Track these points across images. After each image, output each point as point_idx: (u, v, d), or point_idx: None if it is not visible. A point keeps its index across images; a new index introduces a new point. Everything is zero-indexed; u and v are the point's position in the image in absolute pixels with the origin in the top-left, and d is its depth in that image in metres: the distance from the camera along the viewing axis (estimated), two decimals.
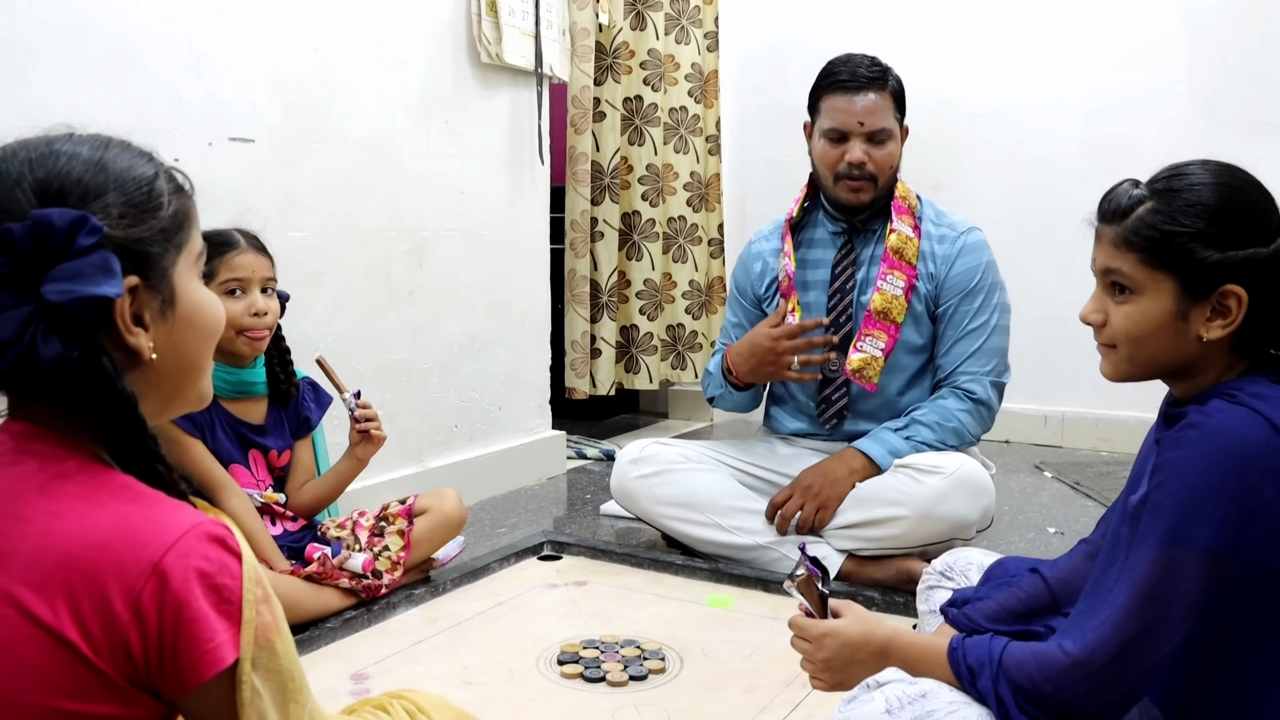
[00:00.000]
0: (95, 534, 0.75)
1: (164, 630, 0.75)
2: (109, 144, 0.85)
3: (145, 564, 0.74)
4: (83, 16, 1.96)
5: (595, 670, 1.77)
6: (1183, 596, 1.04)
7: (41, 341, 0.76)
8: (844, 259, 2.31)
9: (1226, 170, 1.13)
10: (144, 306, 0.82)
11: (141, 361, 0.83)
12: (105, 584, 0.74)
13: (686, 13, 3.76)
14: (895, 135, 2.25)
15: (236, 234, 1.93)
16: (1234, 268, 1.09)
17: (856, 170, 2.22)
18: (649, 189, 3.72)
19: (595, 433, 3.75)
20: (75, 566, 0.74)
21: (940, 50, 3.79)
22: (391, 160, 2.61)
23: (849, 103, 2.21)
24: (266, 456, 2.03)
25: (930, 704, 1.12)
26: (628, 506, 2.40)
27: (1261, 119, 3.33)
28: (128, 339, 0.81)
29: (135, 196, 0.82)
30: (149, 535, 0.76)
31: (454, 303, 2.82)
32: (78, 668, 0.74)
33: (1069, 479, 3.20)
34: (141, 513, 0.78)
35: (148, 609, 0.74)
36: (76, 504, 0.77)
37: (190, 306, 0.86)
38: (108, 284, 0.77)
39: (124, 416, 0.80)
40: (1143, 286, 1.13)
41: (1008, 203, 3.70)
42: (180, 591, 0.75)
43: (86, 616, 0.73)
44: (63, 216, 0.76)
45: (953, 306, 2.26)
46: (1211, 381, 1.14)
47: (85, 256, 0.76)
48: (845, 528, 2.18)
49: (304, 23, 2.36)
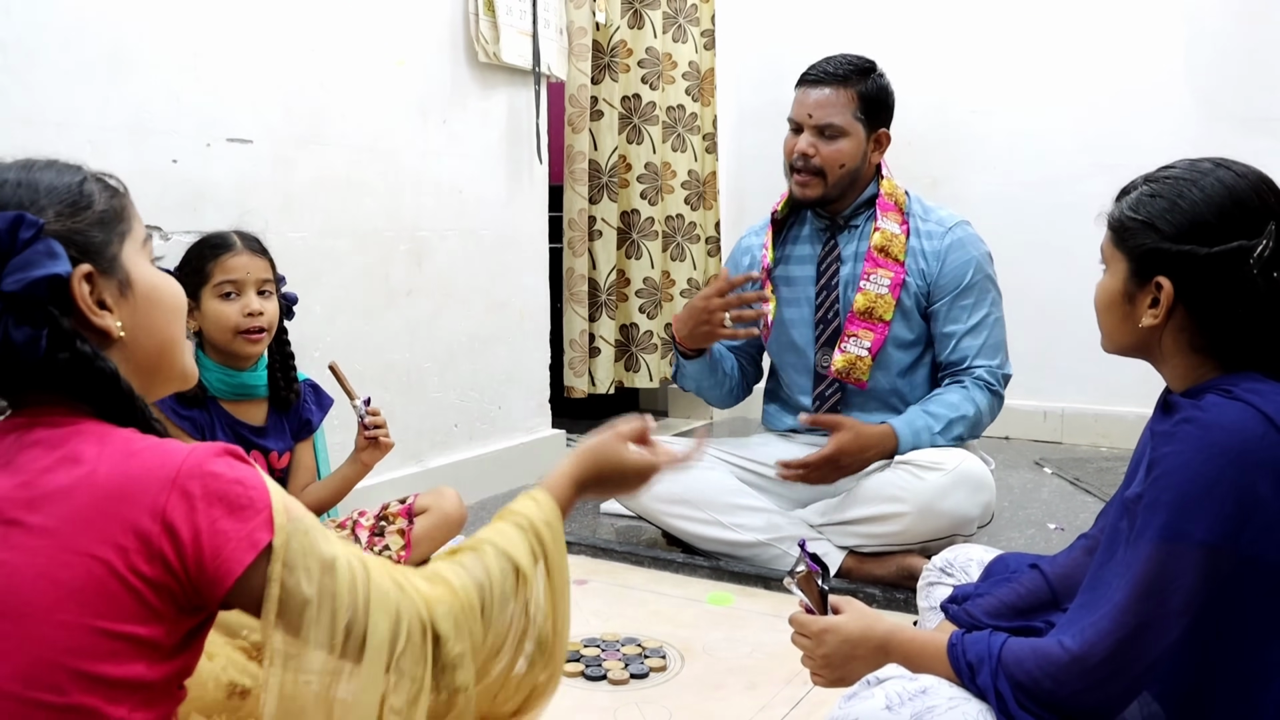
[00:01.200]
0: (116, 468, 0.83)
1: (198, 534, 0.82)
2: (33, 165, 0.92)
3: (164, 481, 0.82)
4: (81, 18, 1.96)
5: (596, 668, 1.77)
6: (1180, 591, 1.05)
7: (13, 330, 0.84)
8: (828, 255, 2.32)
9: (1213, 171, 1.13)
10: (103, 291, 0.90)
11: (113, 341, 0.90)
12: (132, 507, 0.81)
13: (684, 11, 3.76)
14: (850, 134, 2.23)
15: (234, 236, 1.93)
16: (1169, 260, 1.12)
17: (800, 162, 2.23)
18: (648, 187, 3.72)
19: (594, 432, 3.74)
20: (103, 496, 0.82)
21: (937, 47, 3.79)
22: (390, 160, 2.61)
23: (804, 95, 2.26)
24: (267, 458, 2.03)
25: (930, 700, 1.12)
26: (627, 504, 2.41)
27: (1259, 114, 3.34)
28: (93, 320, 0.89)
29: (66, 199, 0.90)
30: (162, 459, 0.84)
31: (453, 302, 2.82)
32: (114, 586, 0.80)
33: (1069, 475, 3.20)
34: (151, 445, 0.86)
35: (175, 519, 0.81)
36: (94, 450, 0.84)
37: (147, 285, 0.94)
38: (54, 264, 0.85)
39: (110, 389, 0.88)
40: (1109, 262, 1.20)
41: (1005, 199, 3.70)
42: (201, 497, 0.82)
43: (120, 539, 0.80)
44: (2, 218, 0.84)
45: (947, 303, 2.26)
46: (1186, 376, 1.16)
47: (30, 247, 0.84)
48: (846, 524, 2.19)
49: (302, 23, 2.36)
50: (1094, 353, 1.26)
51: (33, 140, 1.79)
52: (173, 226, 2.09)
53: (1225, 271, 1.09)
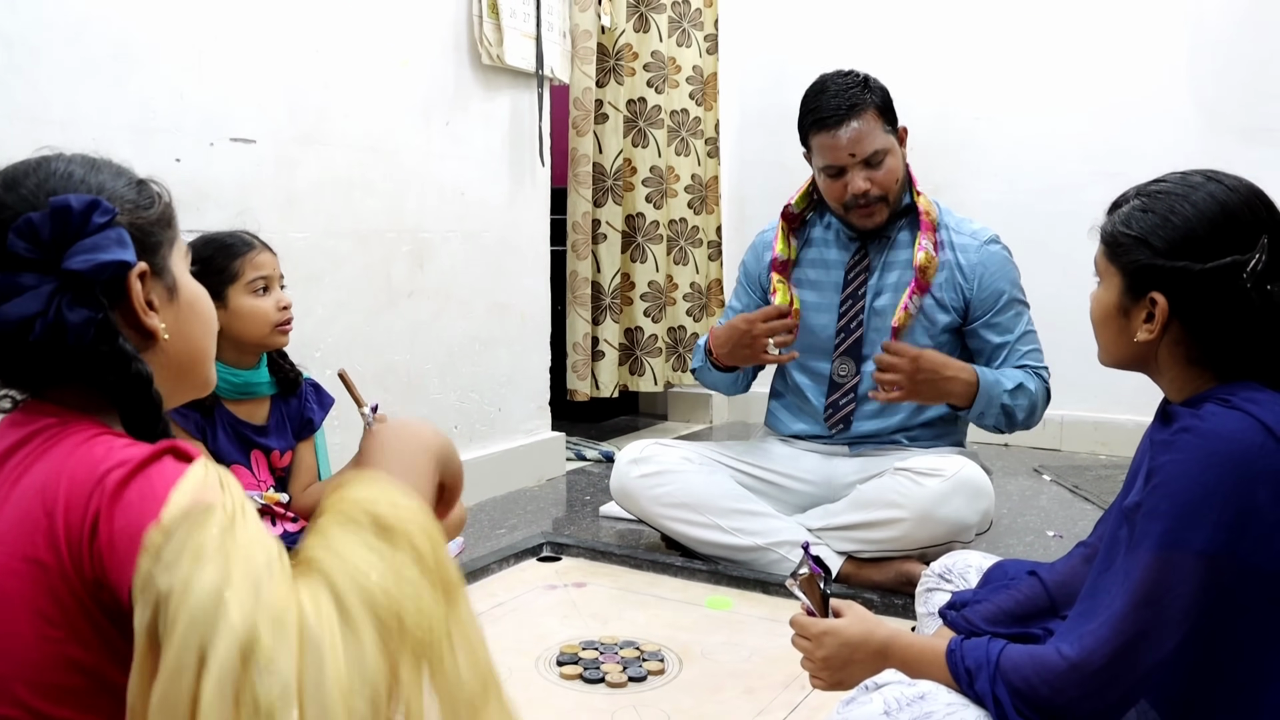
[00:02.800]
0: (66, 467, 0.80)
1: (111, 520, 0.74)
2: (94, 162, 0.92)
3: (95, 477, 0.78)
4: (85, 16, 1.96)
5: (594, 671, 1.77)
6: (1179, 600, 1.05)
7: (68, 310, 0.82)
8: (858, 264, 2.31)
9: (1204, 185, 1.13)
10: (152, 291, 0.90)
11: (154, 344, 0.90)
12: (66, 505, 0.77)
13: (688, 15, 3.77)
14: (892, 149, 2.21)
15: (249, 235, 1.95)
16: (1163, 276, 1.12)
17: (863, 199, 2.20)
18: (653, 191, 3.72)
19: (595, 434, 3.76)
20: (48, 495, 0.78)
21: (940, 54, 3.79)
22: (392, 161, 2.62)
23: (834, 139, 2.17)
24: (269, 457, 2.03)
25: (928, 705, 1.12)
26: (627, 507, 2.41)
27: (1262, 124, 3.34)
28: (144, 319, 0.88)
29: (130, 195, 0.91)
30: (106, 456, 0.79)
31: (454, 304, 2.83)
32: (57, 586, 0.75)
33: (1068, 482, 3.21)
34: (104, 446, 0.81)
35: (93, 508, 0.76)
36: (68, 451, 0.82)
37: (190, 294, 0.95)
38: (123, 252, 0.85)
39: (140, 393, 0.86)
40: (1102, 276, 1.21)
41: (1007, 207, 3.70)
42: (114, 483, 0.76)
43: (57, 537, 0.76)
44: (79, 199, 0.83)
45: (989, 318, 2.25)
46: (1184, 388, 1.16)
47: (102, 232, 0.84)
48: (844, 528, 2.19)
49: (306, 23, 2.36)
50: (1093, 360, 1.26)
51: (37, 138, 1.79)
52: None
53: (1219, 286, 1.10)
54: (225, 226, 1.95)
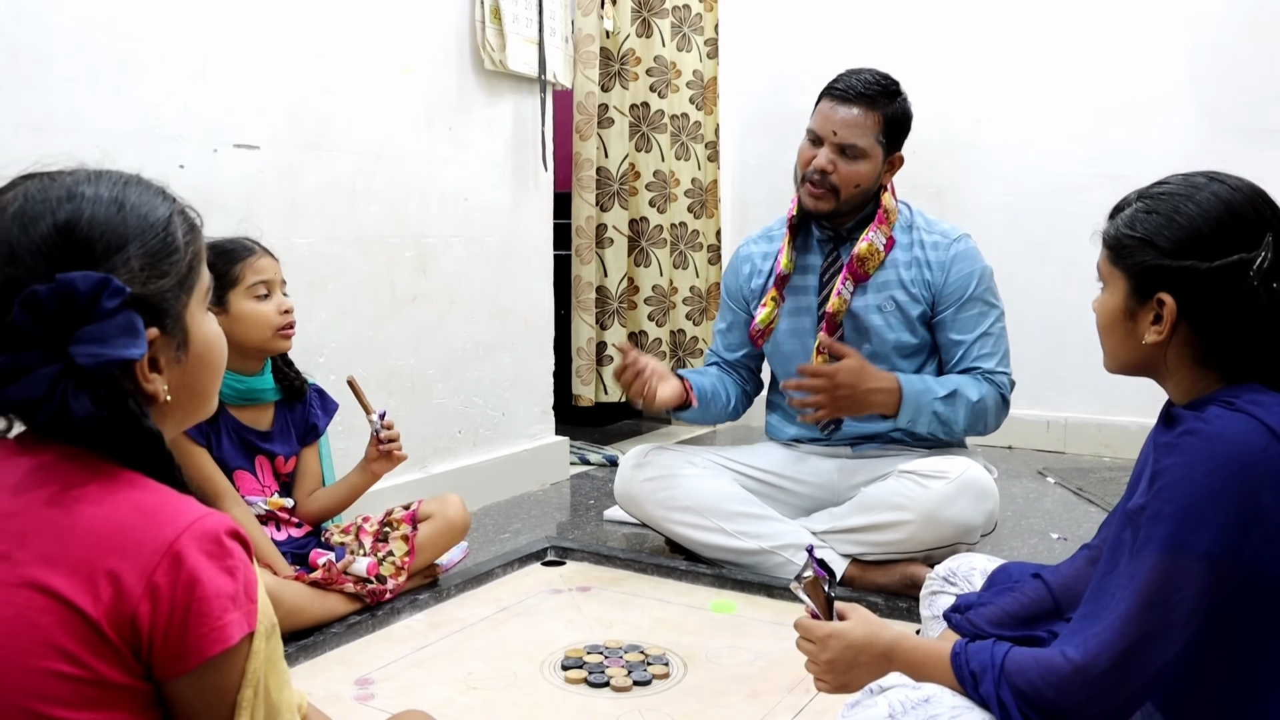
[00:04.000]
0: (112, 516, 0.79)
1: (175, 605, 0.77)
2: (127, 183, 0.87)
3: (161, 542, 0.78)
4: (90, 24, 1.97)
5: (599, 675, 1.77)
6: (1183, 603, 1.05)
7: (72, 398, 0.80)
8: (830, 267, 2.32)
9: (1208, 185, 1.14)
10: (160, 352, 0.86)
11: (156, 401, 0.86)
12: (119, 559, 0.77)
13: (688, 20, 3.78)
14: (870, 156, 2.22)
15: (250, 240, 1.96)
16: (1170, 276, 1.12)
17: (817, 175, 2.22)
18: (656, 195, 3.73)
19: (598, 439, 3.76)
20: (91, 543, 0.78)
21: (942, 58, 3.80)
22: (396, 167, 2.62)
23: (831, 110, 2.22)
24: (273, 463, 2.04)
25: (933, 709, 1.12)
26: (632, 511, 2.41)
27: (1264, 126, 3.34)
28: (145, 386, 0.85)
29: (153, 245, 0.85)
30: (164, 518, 0.80)
31: (458, 309, 2.83)
32: (88, 634, 0.76)
33: (1072, 485, 3.20)
34: (156, 499, 0.82)
35: (161, 585, 0.77)
36: (95, 492, 0.81)
37: (202, 345, 0.91)
38: (133, 346, 0.81)
39: (151, 450, 0.84)
40: (1107, 281, 1.20)
41: (1009, 210, 3.71)
42: (194, 569, 0.78)
43: (99, 588, 0.77)
44: (87, 280, 0.79)
45: (952, 313, 2.26)
46: (1190, 390, 1.16)
47: (111, 319, 0.80)
48: (849, 531, 2.19)
49: (309, 31, 2.37)
50: (1097, 362, 1.26)
51: (42, 146, 1.80)
52: None
53: (1226, 285, 1.10)
54: (229, 233, 1.95)
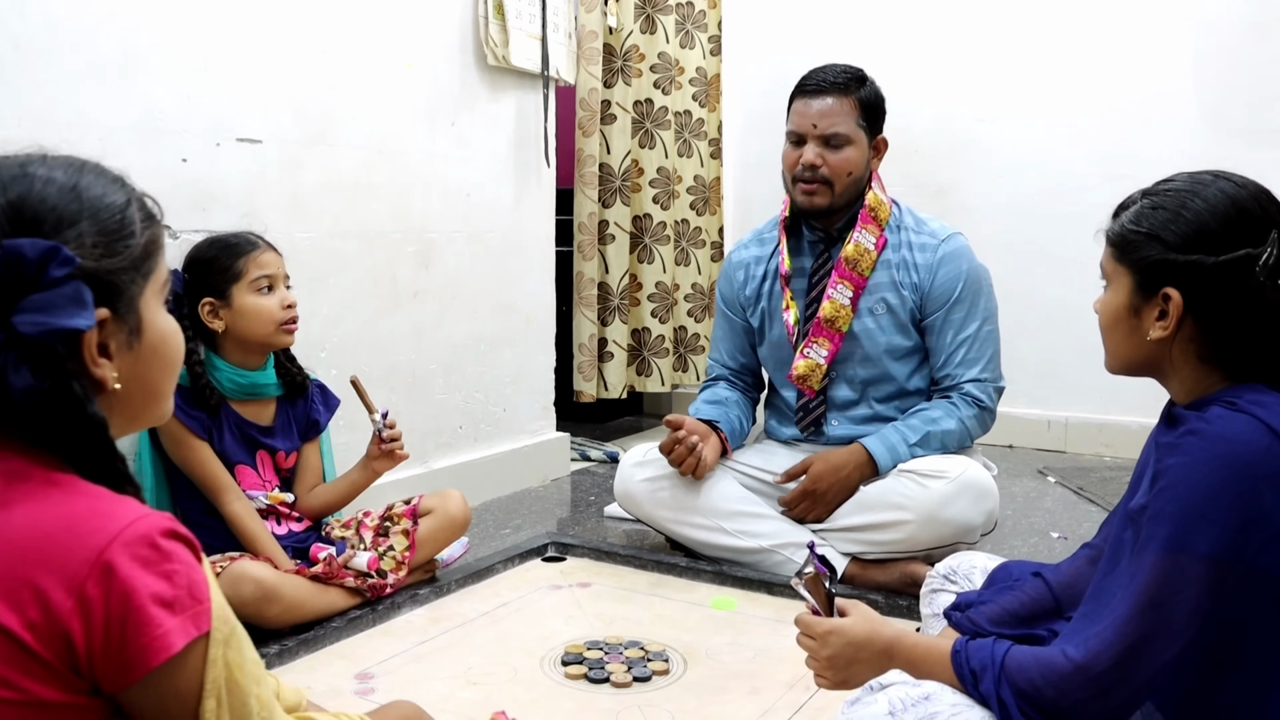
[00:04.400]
0: (38, 525, 0.75)
1: (110, 618, 0.74)
2: (83, 168, 0.84)
3: (90, 551, 0.74)
4: (93, 18, 1.97)
5: (599, 671, 1.77)
6: (1184, 603, 1.05)
7: (12, 371, 0.75)
8: (820, 267, 2.32)
9: (1220, 183, 1.14)
10: (110, 337, 0.82)
11: (104, 390, 0.82)
12: (45, 572, 0.73)
13: (692, 17, 3.77)
14: (855, 142, 2.23)
15: (253, 235, 1.96)
16: (1176, 271, 1.12)
17: (809, 172, 2.23)
18: (660, 192, 3.73)
19: (599, 435, 3.76)
20: (17, 557, 0.74)
21: (944, 56, 3.79)
22: (398, 162, 2.62)
23: (806, 106, 2.25)
24: (274, 458, 2.04)
25: (933, 706, 1.12)
26: (631, 510, 2.41)
27: (1267, 126, 3.33)
28: (93, 370, 0.81)
29: (108, 225, 0.82)
30: (94, 525, 0.75)
31: (459, 304, 2.83)
32: (16, 653, 0.73)
33: (1072, 484, 3.20)
34: (87, 505, 0.77)
35: (92, 597, 0.73)
36: (20, 497, 0.77)
37: (156, 336, 0.87)
38: (80, 316, 0.77)
39: (93, 439, 0.80)
40: (1111, 279, 1.20)
41: (1010, 209, 3.70)
42: (127, 578, 0.74)
43: (26, 605, 0.73)
44: (35, 247, 0.76)
45: (940, 317, 2.26)
46: (1193, 389, 1.16)
47: (57, 288, 0.76)
48: (849, 530, 2.19)
49: (312, 25, 2.37)
50: (1098, 361, 1.26)
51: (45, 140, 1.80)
52: (182, 226, 2.09)
53: (1232, 280, 1.10)
54: (231, 227, 1.96)
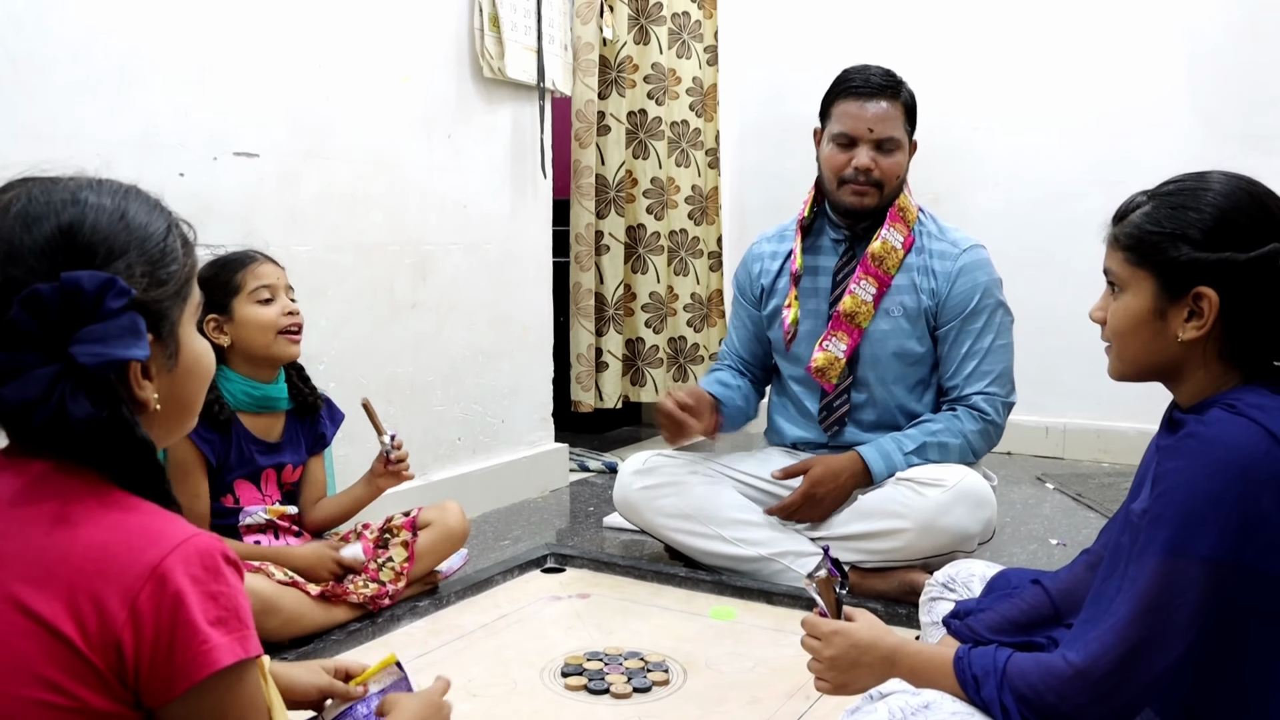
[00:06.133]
0: (96, 538, 0.78)
1: (160, 630, 0.76)
2: (128, 194, 0.87)
3: (145, 566, 0.77)
4: (90, 33, 1.97)
5: (599, 682, 1.77)
6: (1184, 606, 1.05)
7: (70, 400, 0.78)
8: (845, 266, 2.32)
9: (1229, 180, 1.14)
10: (152, 360, 0.85)
11: (146, 411, 0.85)
12: (103, 583, 0.76)
13: (687, 27, 3.79)
14: (904, 146, 2.26)
15: (253, 251, 1.98)
16: (1208, 269, 1.11)
17: (863, 176, 2.23)
18: (654, 202, 3.73)
19: (598, 445, 3.76)
20: (75, 566, 0.76)
21: (940, 64, 3.80)
22: (395, 174, 2.63)
23: (860, 109, 2.23)
24: (280, 472, 2.04)
25: (934, 715, 1.12)
26: (630, 518, 2.41)
27: (1260, 132, 3.35)
28: (137, 393, 0.84)
29: (153, 254, 0.85)
30: (149, 540, 0.78)
31: (457, 316, 2.83)
32: (72, 661, 0.75)
33: (1071, 491, 3.20)
34: (141, 521, 0.80)
35: (144, 609, 0.76)
36: (82, 513, 0.79)
37: (192, 358, 0.90)
38: (136, 346, 0.80)
39: (143, 460, 0.83)
40: (1127, 283, 1.17)
41: (1007, 216, 3.71)
42: (179, 591, 0.77)
43: (83, 613, 0.75)
44: (93, 279, 0.78)
45: (955, 328, 2.26)
46: (1204, 389, 1.15)
47: (114, 319, 0.79)
48: (847, 539, 2.19)
49: (308, 39, 2.38)
50: (1096, 368, 1.26)
51: (42, 153, 1.80)
52: None
53: (1264, 276, 1.09)
54: (229, 240, 1.96)
